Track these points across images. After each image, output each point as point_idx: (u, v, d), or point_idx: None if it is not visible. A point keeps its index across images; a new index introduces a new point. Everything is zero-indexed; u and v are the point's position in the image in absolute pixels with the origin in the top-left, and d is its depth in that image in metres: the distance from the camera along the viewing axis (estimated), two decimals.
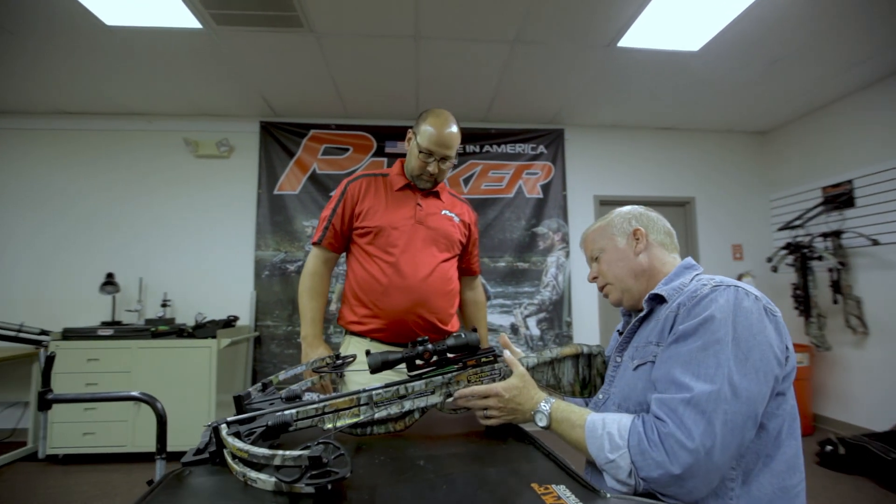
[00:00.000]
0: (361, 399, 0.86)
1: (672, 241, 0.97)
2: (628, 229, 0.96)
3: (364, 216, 1.43)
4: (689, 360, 0.72)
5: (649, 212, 0.99)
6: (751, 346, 0.70)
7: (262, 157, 3.63)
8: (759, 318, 0.72)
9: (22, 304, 3.37)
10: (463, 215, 1.55)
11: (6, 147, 3.52)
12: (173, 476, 0.70)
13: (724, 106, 3.54)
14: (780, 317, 0.76)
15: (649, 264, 0.92)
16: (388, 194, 1.46)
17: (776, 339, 0.73)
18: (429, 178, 1.43)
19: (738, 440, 0.68)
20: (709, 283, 0.79)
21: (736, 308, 0.73)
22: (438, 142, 1.36)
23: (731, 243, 3.96)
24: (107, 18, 2.37)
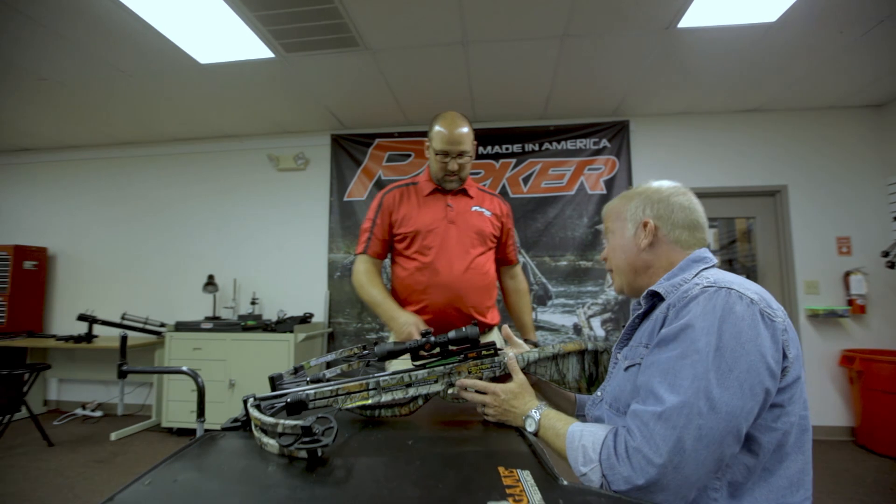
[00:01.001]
0: (370, 384, 0.96)
1: (693, 237, 0.85)
2: (640, 217, 0.87)
3: (400, 223, 1.54)
4: (668, 369, 0.68)
5: (678, 197, 0.86)
6: (737, 357, 0.65)
7: (333, 167, 3.96)
8: (752, 324, 0.66)
9: (147, 300, 4.05)
10: (494, 208, 1.62)
11: (133, 171, 4.26)
12: (209, 437, 0.86)
13: (820, 79, 3.11)
14: (780, 322, 0.69)
15: (653, 261, 0.86)
16: (419, 200, 1.56)
17: (770, 348, 0.66)
18: (453, 178, 1.52)
19: (715, 455, 0.63)
20: (702, 281, 0.74)
21: (725, 314, 0.67)
22: (450, 140, 1.47)
23: (836, 235, 3.45)
24: (200, 58, 2.78)
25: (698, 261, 0.83)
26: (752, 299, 0.69)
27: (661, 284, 0.82)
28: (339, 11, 2.34)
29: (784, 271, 3.53)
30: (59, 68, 2.87)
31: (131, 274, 4.15)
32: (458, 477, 0.66)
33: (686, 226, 0.85)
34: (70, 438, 3.34)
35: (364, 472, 0.69)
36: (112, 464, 2.88)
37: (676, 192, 0.87)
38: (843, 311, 3.29)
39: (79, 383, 4.10)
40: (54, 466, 2.81)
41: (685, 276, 0.80)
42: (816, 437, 3.24)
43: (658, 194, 0.88)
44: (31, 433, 3.30)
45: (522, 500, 0.58)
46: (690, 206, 0.86)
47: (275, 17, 2.38)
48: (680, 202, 0.86)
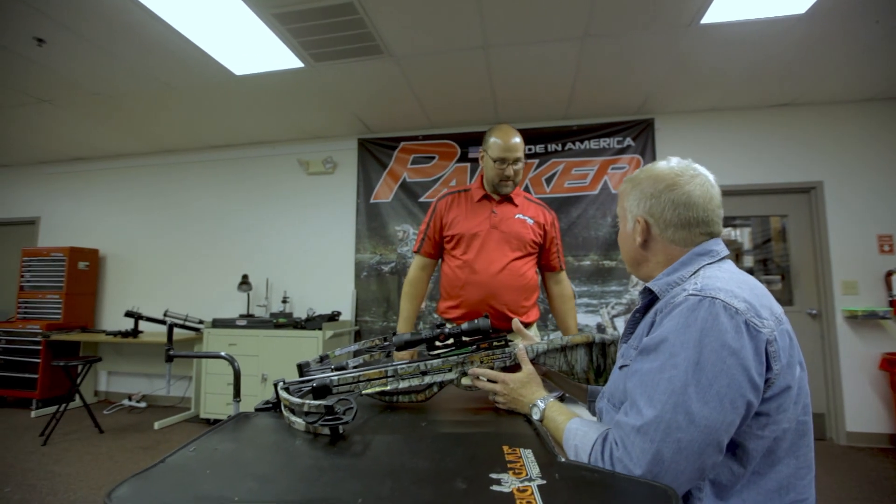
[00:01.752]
0: (389, 372, 1.04)
1: (692, 234, 0.81)
2: (635, 212, 0.85)
3: (449, 226, 1.72)
4: (648, 381, 0.68)
5: (674, 192, 0.81)
6: (718, 372, 0.64)
7: (360, 170, 4.08)
8: (736, 337, 0.65)
9: (186, 298, 4.29)
10: (538, 217, 1.74)
11: (173, 177, 4.53)
12: (243, 416, 0.95)
13: (856, 70, 2.99)
14: (766, 332, 0.66)
15: (650, 256, 0.85)
16: (468, 206, 1.73)
17: (754, 361, 0.65)
18: (508, 182, 1.67)
19: (695, 465, 0.64)
20: (690, 287, 0.72)
21: (707, 327, 0.66)
22: (506, 148, 1.63)
23: (877, 234, 3.30)
24: (236, 70, 2.95)
25: (703, 254, 0.80)
26: (738, 309, 0.66)
27: (658, 281, 0.81)
28: (365, 22, 2.44)
29: (820, 271, 3.40)
30: (110, 83, 3.11)
31: (173, 273, 4.41)
32: (465, 453, 0.72)
33: (680, 224, 0.81)
34: (118, 426, 3.59)
35: (380, 447, 0.76)
36: (157, 450, 3.08)
37: (675, 183, 0.81)
38: (885, 312, 3.15)
39: (125, 376, 4.39)
40: (105, 451, 3.04)
41: (683, 273, 0.79)
42: (855, 443, 3.13)
43: (654, 187, 0.83)
44: (85, 420, 3.57)
45: (521, 473, 0.64)
46: (688, 202, 0.80)
47: (304, 29, 2.51)
48: (674, 198, 0.80)
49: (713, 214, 0.82)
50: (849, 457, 2.99)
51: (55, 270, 4.26)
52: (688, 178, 0.82)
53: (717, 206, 0.83)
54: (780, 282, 3.64)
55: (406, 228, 3.93)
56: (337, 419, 0.81)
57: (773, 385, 0.67)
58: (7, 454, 2.98)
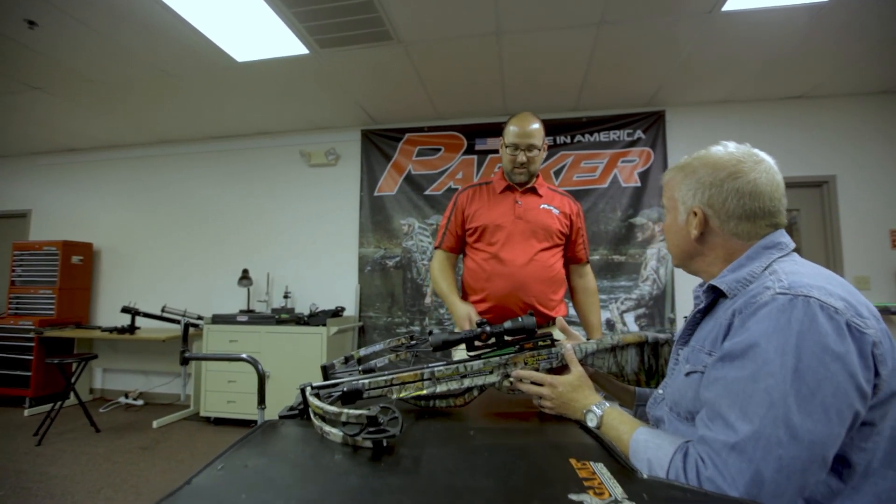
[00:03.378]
0: (425, 374, 0.96)
1: (756, 227, 0.74)
2: (690, 203, 0.78)
3: (471, 218, 1.66)
4: (738, 392, 0.61)
5: (737, 180, 0.73)
6: (821, 380, 0.57)
7: (364, 162, 3.98)
8: (838, 340, 0.58)
9: (185, 293, 4.18)
10: (563, 207, 1.67)
11: (172, 168, 4.40)
12: (269, 425, 0.87)
13: (874, 61, 2.93)
14: (871, 333, 0.59)
15: (708, 251, 0.78)
16: (490, 197, 1.66)
17: (860, 365, 0.58)
18: (521, 170, 1.60)
19: (798, 484, 0.57)
20: (775, 284, 0.64)
21: (805, 329, 0.59)
22: (520, 134, 1.57)
23: (890, 228, 3.27)
24: (238, 56, 2.83)
25: (770, 247, 0.73)
26: (837, 308, 0.60)
27: (725, 279, 0.73)
28: (375, 5, 2.34)
29: (831, 266, 3.36)
30: (105, 69, 2.97)
31: (171, 267, 4.29)
32: (530, 468, 0.64)
33: (744, 216, 0.74)
34: (115, 425, 3.49)
35: (432, 461, 0.68)
36: (155, 450, 2.99)
37: (738, 171, 0.74)
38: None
39: (122, 373, 4.28)
40: (102, 451, 2.94)
41: (753, 268, 0.71)
42: None
43: (713, 175, 0.76)
44: (80, 419, 3.46)
45: (604, 494, 0.56)
46: (754, 191, 0.73)
47: (311, 13, 2.40)
48: (738, 187, 0.73)
49: (779, 204, 0.76)
50: None
51: (48, 264, 4.13)
52: (751, 164, 0.75)
53: (783, 195, 0.77)
54: None
55: (411, 222, 3.84)
56: (382, 431, 0.73)
57: (881, 391, 0.61)
58: (0, 455, 2.87)
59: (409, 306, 3.77)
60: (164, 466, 2.72)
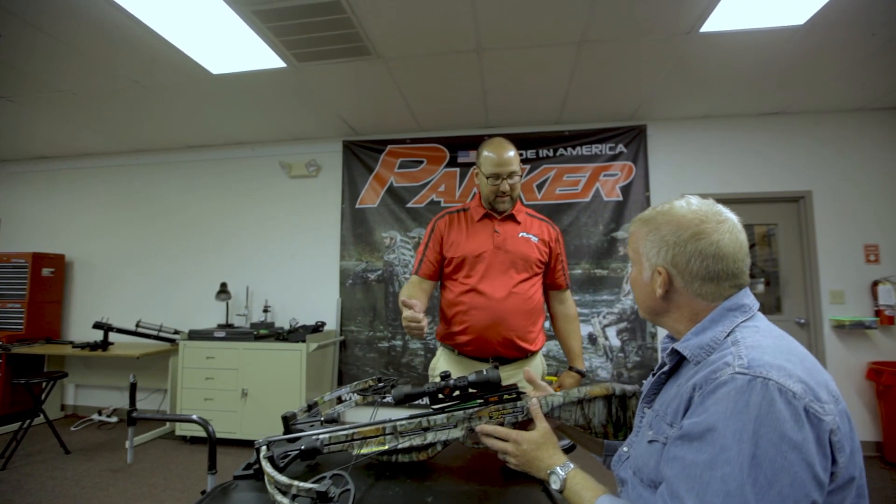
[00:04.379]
0: (387, 429, 0.92)
1: (720, 288, 0.72)
2: (654, 261, 0.77)
3: (450, 248, 1.61)
4: (696, 477, 0.60)
5: (700, 241, 0.72)
6: (778, 469, 0.55)
7: (345, 173, 3.93)
8: (796, 427, 0.56)
9: (161, 306, 4.07)
10: (542, 234, 1.64)
11: (148, 178, 4.29)
12: (221, 489, 0.83)
13: (849, 81, 2.99)
14: (829, 420, 0.58)
15: (673, 308, 0.77)
16: (469, 226, 1.63)
17: (817, 454, 0.56)
18: (505, 198, 1.57)
19: None
20: (734, 361, 0.63)
21: (763, 415, 0.57)
22: (499, 163, 1.53)
23: (864, 243, 3.33)
24: (213, 69, 2.76)
25: (734, 309, 0.72)
26: (796, 393, 0.58)
27: (688, 343, 0.72)
28: (352, 21, 2.29)
29: (808, 280, 3.42)
30: (75, 80, 2.88)
31: (146, 280, 4.18)
32: None
33: (708, 277, 0.72)
34: (86, 445, 3.38)
35: None
36: (127, 472, 2.90)
37: (701, 232, 0.72)
38: (871, 322, 3.17)
39: (95, 389, 4.15)
40: (71, 475, 2.84)
41: (716, 333, 0.70)
42: None
43: (677, 234, 0.74)
44: (49, 439, 3.34)
45: None
46: (717, 253, 0.71)
47: (287, 27, 2.35)
48: (701, 248, 0.71)
49: (742, 265, 0.74)
50: None
51: (17, 277, 3.99)
52: (714, 224, 0.73)
53: (746, 255, 0.75)
54: (763, 286, 3.65)
55: (393, 235, 3.80)
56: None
57: (839, 477, 0.59)
58: None
59: (391, 320, 3.73)
60: (136, 492, 2.63)
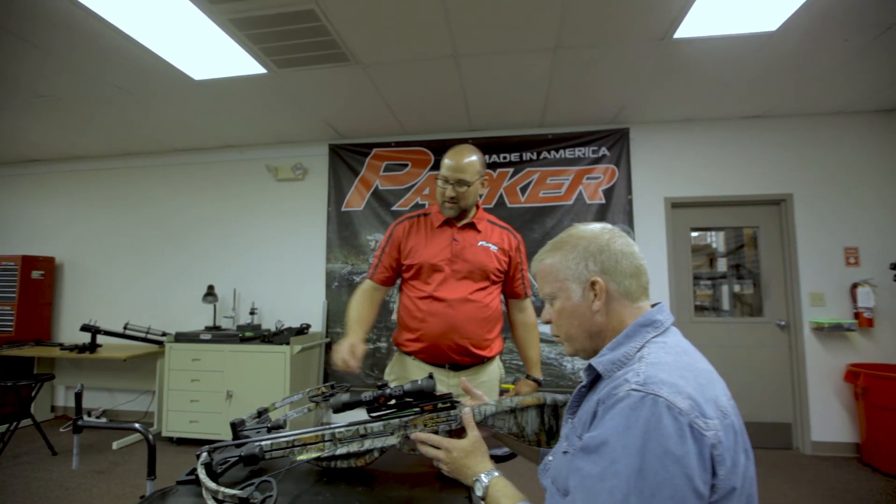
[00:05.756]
0: (326, 436, 0.95)
1: (639, 284, 0.79)
2: (585, 276, 0.79)
3: (408, 255, 1.61)
4: (588, 488, 0.63)
5: (615, 241, 0.80)
6: (661, 482, 0.58)
7: (331, 177, 3.96)
8: (679, 442, 0.59)
9: (150, 308, 4.11)
10: (502, 243, 1.64)
11: (135, 181, 4.33)
12: (159, 494, 0.86)
13: (826, 85, 3.01)
14: (710, 435, 0.61)
15: (607, 323, 0.79)
16: (428, 232, 1.62)
17: (698, 468, 0.59)
18: (450, 204, 1.57)
19: None
20: (632, 378, 0.66)
21: (650, 430, 0.60)
22: (451, 168, 1.54)
23: (844, 246, 3.35)
24: (194, 74, 2.79)
25: (647, 325, 0.75)
26: (682, 409, 0.61)
27: (603, 359, 0.75)
28: (328, 29, 2.32)
29: (788, 282, 3.44)
30: (57, 86, 2.91)
31: (135, 282, 4.22)
32: None
33: (632, 274, 0.78)
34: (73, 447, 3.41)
35: None
36: (112, 474, 2.94)
37: (612, 236, 0.80)
38: (850, 324, 3.20)
39: (85, 390, 4.19)
40: (56, 477, 2.88)
41: (628, 349, 0.73)
42: (820, 453, 3.18)
43: (597, 242, 0.79)
44: (38, 441, 3.38)
45: None
46: (632, 251, 0.80)
47: (264, 35, 2.37)
48: (621, 247, 0.79)
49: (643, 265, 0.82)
50: (814, 466, 3.04)
51: (6, 280, 4.03)
52: (613, 230, 0.83)
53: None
54: (752, 287, 3.67)
55: (378, 238, 3.83)
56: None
57: (720, 489, 0.62)
58: None
59: (377, 323, 3.76)
60: (119, 493, 2.67)
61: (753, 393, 3.41)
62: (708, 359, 0.77)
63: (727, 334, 3.51)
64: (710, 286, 3.86)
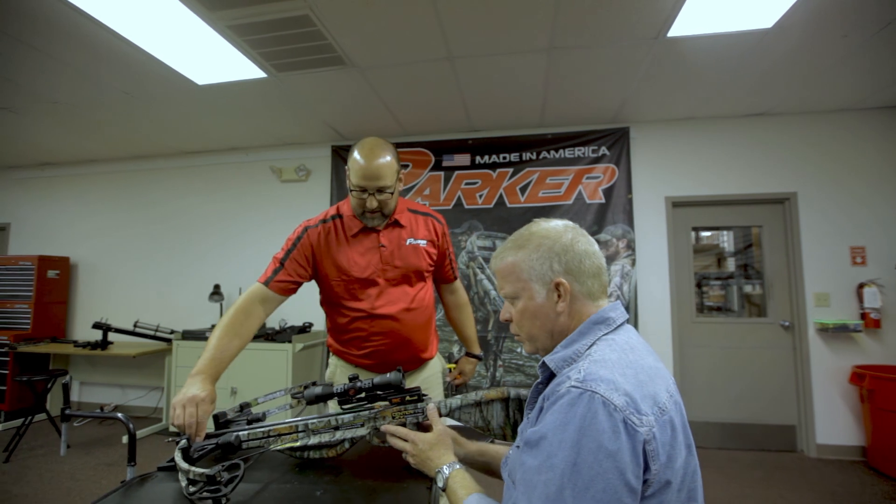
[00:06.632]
0: (300, 427, 1.00)
1: (601, 283, 0.80)
2: (549, 277, 0.78)
3: (327, 268, 1.39)
4: (528, 481, 0.65)
5: (578, 241, 0.79)
6: (594, 475, 0.60)
7: (334, 177, 4.02)
8: (613, 438, 0.61)
9: (159, 307, 4.22)
10: (429, 234, 1.49)
11: (145, 183, 4.45)
12: (139, 479, 0.91)
13: (828, 82, 2.96)
14: (644, 431, 0.62)
15: (570, 323, 0.79)
16: (348, 241, 1.40)
17: (631, 463, 0.61)
18: (374, 214, 1.36)
19: None
20: (573, 375, 0.68)
21: (586, 426, 0.62)
22: (367, 175, 1.30)
23: (850, 245, 3.29)
24: (198, 80, 2.87)
25: (600, 323, 0.76)
26: (616, 406, 0.63)
27: (555, 356, 0.76)
28: (322, 33, 2.37)
29: (793, 283, 3.39)
30: (69, 92, 3.02)
31: (144, 281, 4.34)
32: None
33: (593, 273, 0.79)
34: (86, 440, 3.54)
35: None
36: (120, 466, 3.03)
37: (574, 235, 0.80)
38: (856, 325, 3.14)
39: (98, 386, 4.33)
40: (67, 469, 2.98)
41: (579, 346, 0.75)
42: (826, 456, 3.13)
43: (561, 242, 0.79)
44: (52, 434, 3.51)
45: None
46: (594, 250, 0.80)
47: (262, 40, 2.44)
48: (584, 248, 0.79)
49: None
50: (818, 469, 2.99)
51: (24, 280, 4.18)
52: (576, 230, 0.82)
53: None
54: (760, 287, 3.62)
55: None
56: (216, 490, 0.77)
57: (653, 483, 0.64)
58: None
59: None
60: None
61: (757, 394, 3.37)
62: (710, 360, 0.79)
63: (730, 335, 3.47)
64: (721, 286, 3.80)
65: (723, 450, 3.34)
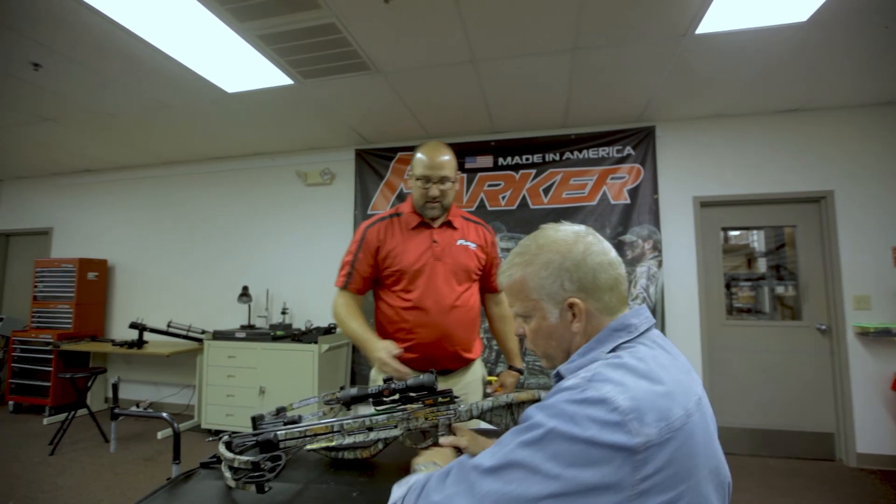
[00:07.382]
0: (335, 427, 1.02)
1: (619, 295, 0.72)
2: (561, 296, 0.71)
3: (386, 260, 1.50)
4: (501, 441, 0.64)
5: (590, 253, 0.72)
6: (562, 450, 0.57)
7: (357, 181, 4.08)
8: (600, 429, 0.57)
9: (191, 308, 4.37)
10: (479, 239, 1.60)
11: (177, 188, 4.62)
12: (184, 476, 0.95)
13: (867, 75, 2.84)
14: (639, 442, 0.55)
15: (586, 339, 0.72)
16: (404, 234, 1.52)
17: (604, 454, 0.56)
18: (434, 204, 1.49)
19: None
20: (582, 374, 0.63)
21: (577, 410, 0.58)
22: (430, 165, 1.46)
23: (891, 245, 3.15)
24: (227, 87, 2.97)
25: (620, 330, 0.70)
26: (618, 406, 0.57)
27: (570, 364, 0.70)
28: (348, 40, 2.42)
29: (830, 285, 3.26)
30: (105, 102, 3.17)
31: (177, 283, 4.50)
32: None
33: (611, 287, 0.71)
34: (124, 435, 3.69)
35: None
36: (156, 461, 3.15)
37: (586, 244, 0.73)
38: None
39: (134, 383, 4.50)
40: (108, 462, 3.12)
41: (596, 354, 0.68)
42: (866, 465, 3.00)
43: (571, 257, 0.71)
44: (92, 429, 3.67)
45: None
46: (609, 260, 0.72)
47: (290, 48, 2.50)
48: (599, 261, 0.71)
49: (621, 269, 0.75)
50: (858, 480, 2.87)
51: (66, 281, 4.39)
52: (588, 238, 0.74)
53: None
54: (793, 288, 3.50)
55: None
56: (261, 476, 0.81)
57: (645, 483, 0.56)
58: (15, 464, 3.09)
59: None
60: (162, 478, 2.86)
61: (791, 400, 3.26)
62: (740, 363, 0.73)
63: (762, 338, 3.36)
64: (751, 287, 3.69)
65: (755, 457, 3.24)
